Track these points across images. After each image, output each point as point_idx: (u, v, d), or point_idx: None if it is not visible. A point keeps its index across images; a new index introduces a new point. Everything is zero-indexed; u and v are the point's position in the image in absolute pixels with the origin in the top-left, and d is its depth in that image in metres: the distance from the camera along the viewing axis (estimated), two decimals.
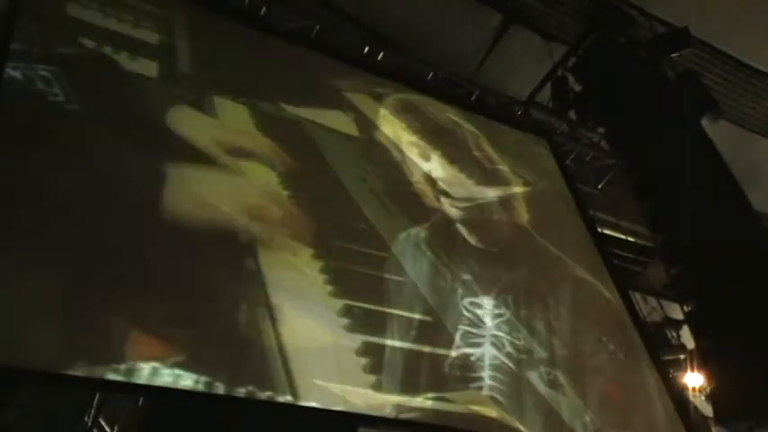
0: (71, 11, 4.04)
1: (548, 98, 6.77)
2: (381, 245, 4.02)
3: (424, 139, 5.22)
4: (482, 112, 6.22)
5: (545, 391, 3.79)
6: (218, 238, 3.39)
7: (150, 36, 4.32)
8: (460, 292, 4.06)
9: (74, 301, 2.72)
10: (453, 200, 4.82)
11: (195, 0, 4.91)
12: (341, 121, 4.83)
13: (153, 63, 4.14)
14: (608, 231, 6.83)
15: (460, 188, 4.99)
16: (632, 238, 7.34)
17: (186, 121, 3.89)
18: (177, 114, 3.91)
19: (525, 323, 4.15)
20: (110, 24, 4.15)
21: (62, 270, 2.80)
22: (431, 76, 6.30)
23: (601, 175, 7.21)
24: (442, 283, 4.05)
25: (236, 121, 4.19)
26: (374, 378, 3.24)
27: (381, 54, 6.01)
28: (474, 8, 6.39)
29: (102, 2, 4.22)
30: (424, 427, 3.29)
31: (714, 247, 4.87)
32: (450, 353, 3.65)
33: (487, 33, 6.62)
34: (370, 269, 3.84)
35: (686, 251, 5.00)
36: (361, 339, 3.36)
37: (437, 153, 5.16)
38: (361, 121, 4.98)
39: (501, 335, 3.95)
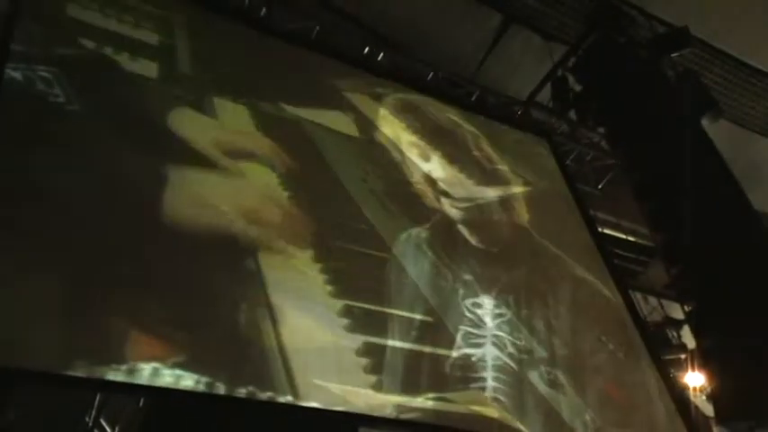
0: (71, 11, 4.04)
1: (548, 98, 6.77)
2: (381, 245, 4.02)
3: (423, 139, 5.22)
4: (482, 112, 6.22)
5: (545, 390, 3.79)
6: (218, 238, 3.38)
7: (150, 37, 4.32)
8: (462, 292, 4.06)
9: (74, 301, 2.72)
10: (453, 200, 4.82)
11: (195, 0, 4.92)
12: (341, 121, 4.83)
13: (153, 63, 4.14)
14: (608, 231, 6.83)
15: (461, 188, 4.99)
16: (633, 238, 7.35)
17: (186, 123, 3.89)
18: (178, 115, 3.91)
19: (526, 323, 4.15)
20: (110, 25, 4.15)
21: (62, 270, 2.80)
22: (431, 76, 6.30)
23: (601, 175, 7.21)
24: (443, 284, 4.05)
25: (236, 122, 4.20)
26: (375, 378, 3.23)
27: (381, 54, 6.02)
28: (474, 8, 6.39)
29: (103, 2, 4.22)
30: (425, 427, 3.28)
31: (714, 247, 4.87)
32: (452, 353, 3.65)
33: (487, 33, 6.62)
34: (370, 269, 3.85)
35: (686, 251, 5.00)
36: (361, 340, 3.36)
37: (437, 153, 5.15)
38: (361, 121, 4.98)
39: (502, 335, 3.95)
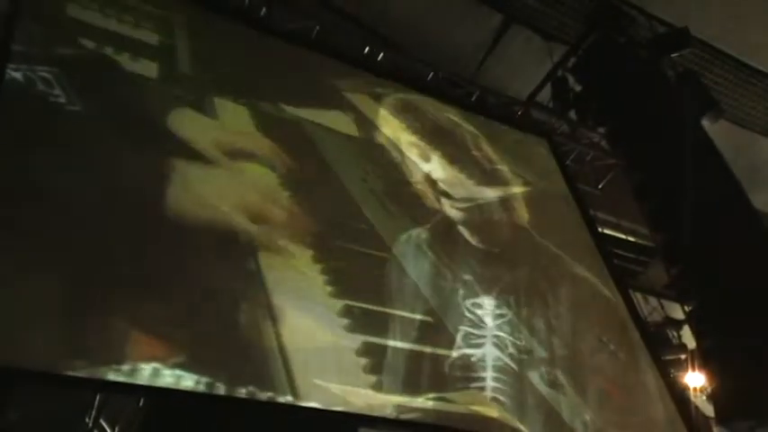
0: (71, 12, 4.04)
1: (548, 98, 6.77)
2: (381, 245, 4.02)
3: (423, 139, 5.22)
4: (482, 112, 6.22)
5: (545, 390, 3.79)
6: (218, 239, 3.38)
7: (150, 37, 4.32)
8: (462, 292, 4.07)
9: (74, 301, 2.72)
10: (454, 200, 4.82)
11: (195, 0, 4.91)
12: (341, 121, 4.83)
13: (153, 64, 4.14)
14: (608, 231, 6.83)
15: (461, 189, 4.99)
16: (633, 238, 7.35)
17: (187, 123, 3.90)
18: (178, 116, 3.91)
19: (526, 323, 4.15)
20: (110, 25, 4.15)
21: (62, 270, 2.80)
22: (431, 76, 6.29)
23: (601, 175, 7.21)
24: (444, 284, 4.05)
25: (236, 122, 4.20)
26: (375, 378, 3.24)
27: (381, 54, 6.01)
28: (474, 8, 6.39)
29: (103, 2, 4.22)
30: (425, 427, 3.29)
31: (714, 247, 4.87)
32: (452, 353, 3.65)
33: (487, 33, 6.63)
34: (370, 269, 3.85)
35: (687, 251, 5.00)
36: (361, 340, 3.36)
37: (437, 153, 5.15)
38: (361, 121, 4.98)
39: (503, 335, 3.95)
